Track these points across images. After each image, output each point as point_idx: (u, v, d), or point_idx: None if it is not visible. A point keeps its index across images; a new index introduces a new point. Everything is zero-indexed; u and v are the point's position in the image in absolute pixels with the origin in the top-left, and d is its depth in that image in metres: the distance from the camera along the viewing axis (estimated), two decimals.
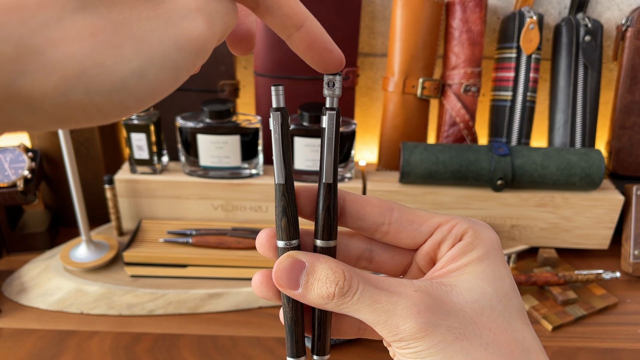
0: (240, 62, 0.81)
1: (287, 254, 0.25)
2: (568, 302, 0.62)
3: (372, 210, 0.26)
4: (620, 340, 0.59)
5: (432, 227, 0.26)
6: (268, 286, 0.26)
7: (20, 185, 0.66)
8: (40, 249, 0.70)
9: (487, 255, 0.25)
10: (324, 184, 0.26)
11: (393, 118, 0.74)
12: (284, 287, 0.25)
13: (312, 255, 0.25)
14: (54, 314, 0.60)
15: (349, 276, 0.24)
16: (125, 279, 0.64)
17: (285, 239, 0.26)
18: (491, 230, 0.26)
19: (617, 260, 0.71)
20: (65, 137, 0.60)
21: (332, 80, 0.25)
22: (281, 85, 0.25)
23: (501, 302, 0.24)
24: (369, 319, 0.24)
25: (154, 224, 0.70)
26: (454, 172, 0.66)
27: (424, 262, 0.27)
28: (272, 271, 0.26)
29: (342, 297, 0.24)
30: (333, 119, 0.25)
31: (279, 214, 0.26)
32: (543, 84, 0.81)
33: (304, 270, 0.25)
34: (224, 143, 0.67)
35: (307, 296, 0.25)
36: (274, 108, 0.25)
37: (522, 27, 0.71)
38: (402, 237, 0.26)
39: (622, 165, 0.76)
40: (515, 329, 0.24)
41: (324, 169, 0.26)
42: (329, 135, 0.25)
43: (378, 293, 0.24)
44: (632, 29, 0.72)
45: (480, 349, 0.23)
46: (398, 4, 0.70)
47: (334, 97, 0.25)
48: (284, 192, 0.26)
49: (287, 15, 0.22)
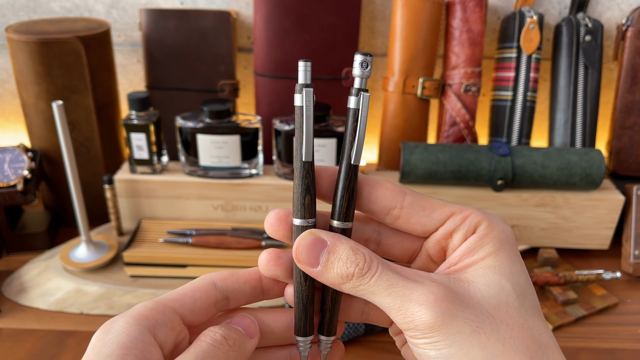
0: (240, 62, 0.81)
1: (309, 231, 0.25)
2: (568, 302, 0.62)
3: (385, 193, 0.26)
4: (620, 340, 0.58)
5: (445, 215, 0.26)
6: (276, 264, 0.26)
7: (20, 185, 0.65)
8: (40, 249, 0.70)
9: (503, 249, 0.25)
10: (351, 165, 0.25)
11: (393, 118, 0.74)
12: (303, 264, 0.25)
13: (334, 235, 0.25)
14: (53, 314, 0.60)
15: (369, 259, 0.24)
16: (125, 279, 0.64)
17: (307, 216, 0.25)
18: (505, 222, 0.26)
19: (617, 260, 0.71)
20: (65, 137, 0.60)
21: (365, 61, 0.24)
22: (309, 60, 0.25)
23: (518, 298, 0.24)
24: (383, 302, 0.24)
25: (153, 224, 0.70)
26: (454, 172, 0.66)
27: (434, 250, 0.27)
28: (278, 250, 0.27)
29: (361, 278, 0.24)
30: (367, 101, 0.25)
31: (302, 192, 0.25)
32: (543, 84, 0.81)
33: (325, 249, 0.25)
34: (224, 143, 0.67)
35: (326, 275, 0.25)
36: (304, 84, 0.25)
37: (522, 27, 0.71)
38: (413, 222, 0.26)
39: (622, 165, 0.76)
40: (531, 325, 0.23)
41: (353, 150, 0.25)
42: (362, 116, 0.25)
43: (395, 278, 0.24)
44: (633, 29, 0.72)
45: (498, 344, 0.22)
46: (398, 3, 0.70)
47: (364, 78, 0.25)
48: (309, 170, 0.25)
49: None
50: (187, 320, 0.26)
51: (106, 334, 0.23)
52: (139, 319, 0.24)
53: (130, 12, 0.79)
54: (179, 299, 0.26)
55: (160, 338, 0.24)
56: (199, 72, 0.74)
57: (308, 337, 0.27)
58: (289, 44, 0.71)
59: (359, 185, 0.26)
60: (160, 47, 0.73)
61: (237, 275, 0.27)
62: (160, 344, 0.24)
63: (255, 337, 0.27)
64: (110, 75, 0.72)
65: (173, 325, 0.25)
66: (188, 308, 0.26)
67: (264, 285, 0.28)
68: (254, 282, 0.28)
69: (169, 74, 0.74)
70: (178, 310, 0.25)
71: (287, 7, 0.70)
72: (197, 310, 0.26)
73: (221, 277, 0.27)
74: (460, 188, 0.68)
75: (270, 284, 0.28)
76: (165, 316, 0.25)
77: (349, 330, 0.55)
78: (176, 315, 0.25)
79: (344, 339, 0.56)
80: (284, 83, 0.73)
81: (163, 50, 0.73)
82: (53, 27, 0.68)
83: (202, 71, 0.74)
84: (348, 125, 0.25)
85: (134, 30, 0.80)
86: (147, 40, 0.73)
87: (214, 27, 0.72)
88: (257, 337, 0.27)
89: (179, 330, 0.25)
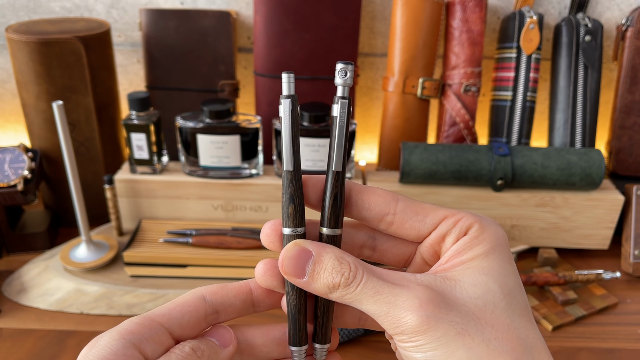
0: (240, 62, 0.81)
1: (294, 242, 0.25)
2: (568, 302, 0.62)
3: (378, 200, 0.26)
4: (620, 340, 0.59)
5: (437, 219, 0.26)
6: (273, 275, 0.27)
7: (20, 185, 0.66)
8: (40, 249, 0.70)
9: (493, 251, 0.25)
10: (333, 172, 0.26)
11: (393, 118, 0.74)
12: (290, 275, 0.25)
13: (319, 245, 0.25)
14: (53, 314, 0.60)
15: (355, 267, 0.24)
16: (125, 279, 0.64)
17: (292, 226, 0.26)
18: (498, 225, 0.26)
19: (617, 260, 0.71)
20: (65, 137, 0.60)
21: (344, 69, 0.25)
22: (292, 72, 0.25)
23: (505, 299, 0.24)
24: (371, 310, 0.24)
25: (154, 224, 0.70)
26: (454, 172, 0.66)
27: (428, 254, 0.27)
28: (274, 261, 0.27)
29: (347, 287, 0.24)
30: (345, 108, 0.25)
31: (286, 201, 0.26)
32: (543, 84, 0.81)
33: (310, 259, 0.25)
34: (224, 143, 0.67)
35: (313, 285, 0.25)
36: (284, 95, 0.25)
37: (522, 27, 0.71)
38: (407, 228, 0.26)
39: (622, 165, 0.76)
40: (518, 327, 0.23)
41: (333, 157, 0.26)
42: (340, 123, 0.25)
43: (381, 285, 0.24)
44: (632, 29, 0.72)
45: (483, 345, 0.22)
46: (398, 3, 0.70)
47: (346, 86, 0.25)
48: (292, 179, 0.26)
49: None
50: (176, 335, 0.26)
51: (90, 349, 0.24)
52: (124, 333, 0.24)
53: (130, 12, 0.79)
54: (166, 314, 0.26)
55: (146, 352, 0.24)
56: (199, 72, 0.74)
57: (302, 347, 0.27)
58: (289, 44, 0.71)
59: (351, 193, 0.26)
60: (160, 47, 0.73)
61: (226, 289, 0.27)
62: (146, 358, 0.24)
63: (231, 345, 0.27)
64: (111, 75, 0.72)
65: (160, 339, 0.25)
66: (176, 322, 0.26)
67: (255, 298, 0.28)
68: (244, 295, 0.28)
69: (169, 74, 0.75)
70: (165, 325, 0.26)
71: (287, 7, 0.70)
72: (185, 324, 0.26)
73: (210, 291, 0.27)
74: (460, 188, 0.68)
75: (261, 297, 0.28)
76: (152, 330, 0.25)
77: (349, 330, 0.56)
78: (163, 330, 0.25)
79: (344, 339, 0.56)
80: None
81: (163, 50, 0.73)
82: (53, 27, 0.68)
83: (202, 71, 0.74)
84: (330, 133, 0.26)
85: (134, 30, 0.80)
86: (147, 40, 0.73)
87: (214, 27, 0.72)
88: (232, 346, 0.27)
89: (167, 345, 0.25)
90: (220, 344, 0.26)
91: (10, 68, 0.82)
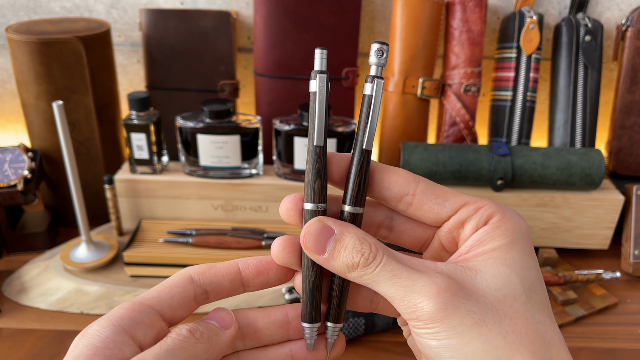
0: (240, 62, 0.81)
1: (317, 218, 0.25)
2: (568, 302, 0.62)
3: (398, 180, 0.26)
4: (620, 340, 0.59)
5: (458, 204, 0.26)
6: (291, 252, 0.26)
7: (20, 185, 0.66)
8: (40, 249, 0.70)
9: (516, 243, 0.25)
10: (364, 151, 0.26)
11: (393, 118, 0.74)
12: (310, 251, 0.25)
13: (341, 224, 0.25)
14: (53, 314, 0.60)
15: (375, 249, 0.24)
16: (125, 279, 0.64)
17: (317, 201, 0.26)
18: (520, 217, 0.26)
19: (617, 260, 0.71)
20: (65, 137, 0.60)
21: (381, 50, 0.25)
22: (325, 48, 0.25)
23: (526, 292, 0.24)
24: (387, 292, 0.24)
25: (154, 224, 0.70)
26: (454, 172, 0.66)
27: (446, 239, 0.27)
28: (292, 237, 0.27)
29: (365, 267, 0.24)
30: (380, 87, 0.25)
31: (312, 176, 0.26)
32: (543, 84, 0.81)
33: (332, 237, 0.25)
34: (224, 143, 0.67)
35: (332, 262, 0.25)
36: (317, 70, 0.25)
37: (522, 27, 0.71)
38: (425, 210, 0.26)
39: (622, 165, 0.76)
40: (537, 321, 0.23)
41: (365, 135, 0.26)
42: (375, 102, 0.25)
43: (400, 268, 0.24)
44: (632, 29, 0.72)
45: (499, 337, 0.22)
46: (398, 4, 0.70)
47: (380, 66, 0.26)
48: (320, 155, 0.26)
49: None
50: (167, 317, 0.26)
51: (80, 338, 0.24)
52: (113, 320, 0.24)
53: (130, 12, 0.79)
54: (155, 296, 0.26)
55: (138, 336, 0.24)
56: (199, 72, 0.74)
57: (314, 324, 0.27)
58: (289, 44, 0.71)
59: (373, 172, 0.26)
60: (160, 47, 0.73)
61: (215, 269, 0.27)
62: (139, 342, 0.24)
63: (231, 327, 0.27)
64: (111, 75, 0.72)
65: (151, 322, 0.25)
66: (166, 304, 0.26)
67: (243, 278, 0.28)
68: (232, 274, 0.27)
69: (169, 74, 0.75)
70: (156, 307, 0.25)
71: (287, 7, 0.70)
72: (175, 305, 0.26)
73: (198, 271, 0.27)
74: (460, 188, 0.68)
75: (249, 276, 0.28)
76: (142, 314, 0.25)
77: (349, 329, 0.56)
78: (154, 313, 0.25)
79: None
80: (284, 83, 0.73)
81: (163, 50, 0.73)
82: (53, 27, 0.68)
83: (202, 71, 0.74)
84: (362, 111, 0.26)
85: (134, 30, 0.80)
86: (147, 40, 0.73)
87: (214, 27, 0.72)
88: (233, 328, 0.27)
89: (159, 328, 0.25)
90: (221, 326, 0.26)
91: (10, 68, 0.82)
